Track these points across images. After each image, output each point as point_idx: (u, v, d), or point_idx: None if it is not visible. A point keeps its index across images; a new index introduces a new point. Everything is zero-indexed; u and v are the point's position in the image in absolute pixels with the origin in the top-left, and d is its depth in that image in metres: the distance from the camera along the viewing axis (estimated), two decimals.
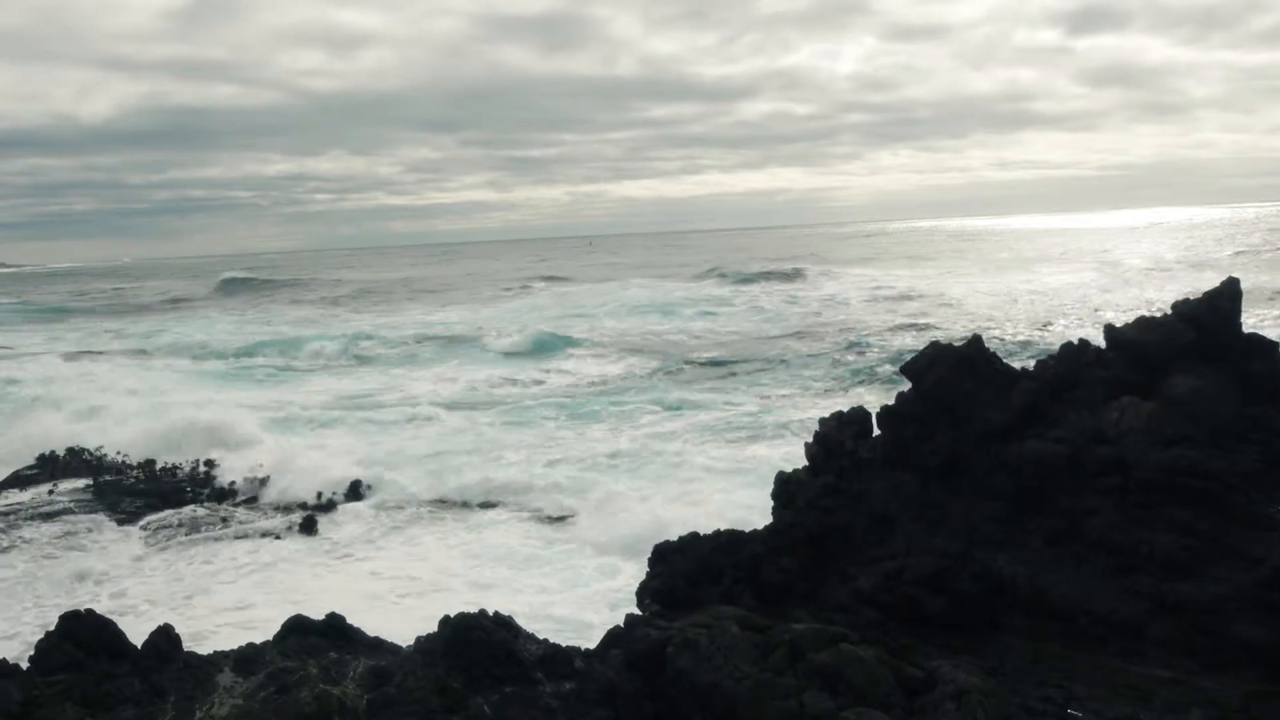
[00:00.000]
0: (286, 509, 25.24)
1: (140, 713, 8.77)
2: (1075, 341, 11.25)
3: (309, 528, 23.31)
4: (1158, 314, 10.79)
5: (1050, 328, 49.64)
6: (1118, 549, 9.31)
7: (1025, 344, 43.49)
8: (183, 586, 20.08)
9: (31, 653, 9.85)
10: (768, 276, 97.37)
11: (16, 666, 9.49)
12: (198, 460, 29.45)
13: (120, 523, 24.19)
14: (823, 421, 11.97)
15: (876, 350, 46.45)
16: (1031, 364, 11.31)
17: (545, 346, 53.88)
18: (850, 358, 44.64)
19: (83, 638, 9.76)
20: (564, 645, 10.28)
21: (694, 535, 11.82)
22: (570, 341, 55.95)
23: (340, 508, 25.13)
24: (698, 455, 27.65)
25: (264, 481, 27.05)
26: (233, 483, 27.24)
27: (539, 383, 43.62)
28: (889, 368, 39.19)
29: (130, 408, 37.11)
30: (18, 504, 26.19)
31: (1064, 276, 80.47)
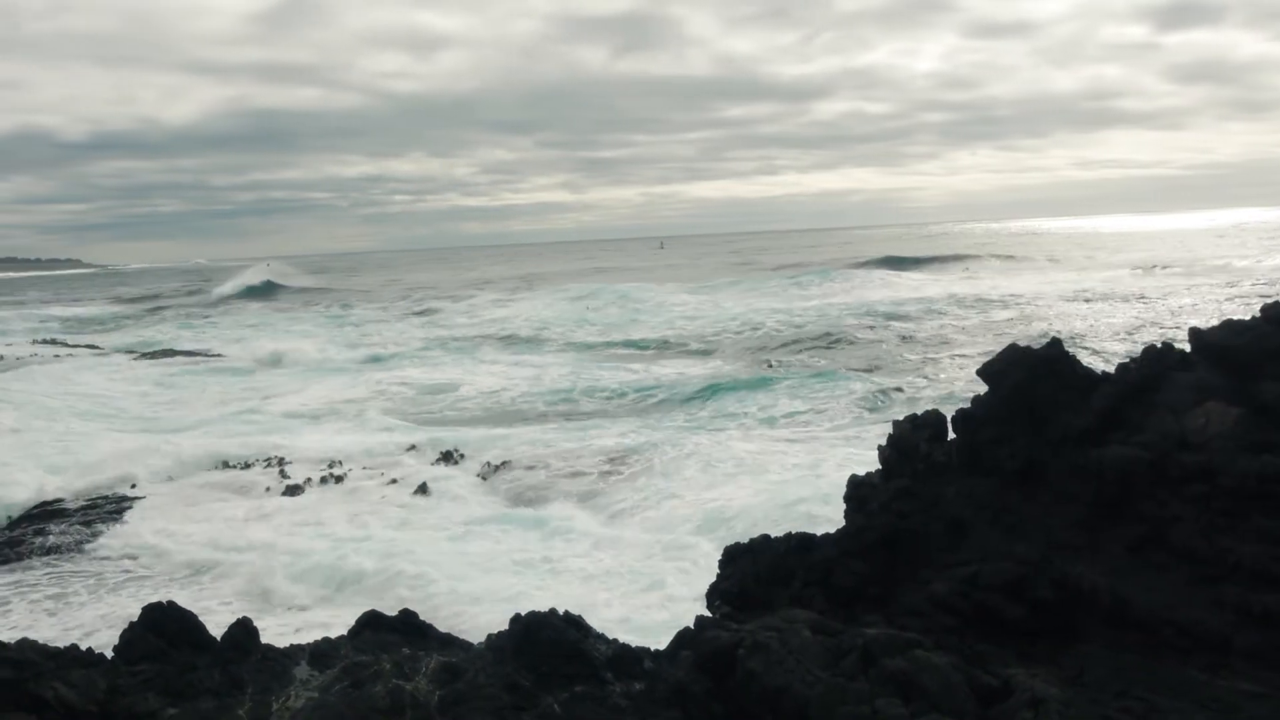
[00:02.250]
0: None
1: (219, 703, 8.95)
2: (1158, 344, 10.97)
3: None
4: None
5: (1137, 332, 48.74)
6: (1203, 558, 9.05)
7: (1109, 349, 42.75)
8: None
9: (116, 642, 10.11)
10: (842, 276, 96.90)
11: (102, 656, 9.75)
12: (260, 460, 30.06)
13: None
14: (896, 424, 11.83)
15: (953, 354, 45.93)
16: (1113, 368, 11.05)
17: (622, 345, 53.98)
18: (926, 360, 44.21)
19: (165, 628, 9.99)
20: (633, 645, 10.29)
21: (764, 537, 11.75)
22: (646, 340, 56.10)
23: None
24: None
25: (340, 478, 27.52)
26: (306, 480, 27.72)
27: (619, 382, 43.69)
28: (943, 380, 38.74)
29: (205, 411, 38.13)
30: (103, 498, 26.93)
31: (1153, 279, 78.86)
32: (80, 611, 19.08)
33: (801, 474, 25.30)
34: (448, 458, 30.06)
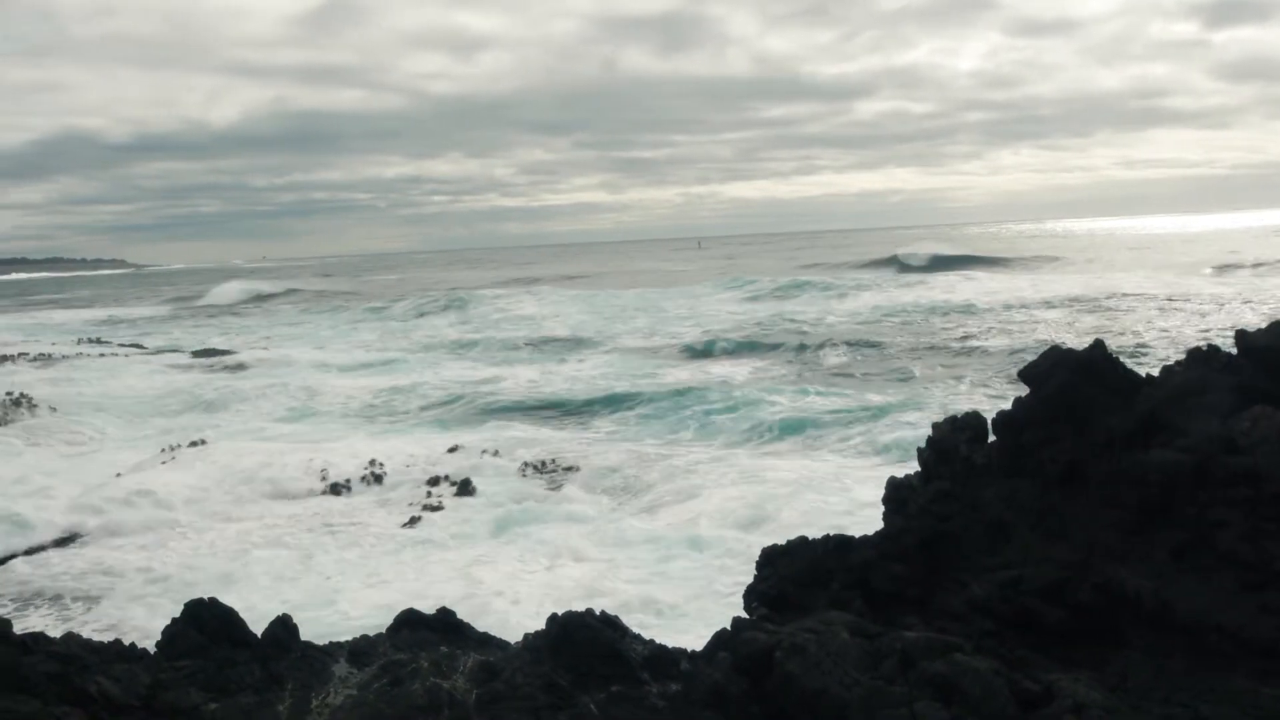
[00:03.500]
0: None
1: (260, 699, 9.03)
2: (1204, 347, 10.80)
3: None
4: None
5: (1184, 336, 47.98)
6: (1248, 563, 8.90)
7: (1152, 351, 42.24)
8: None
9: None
10: (881, 276, 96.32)
11: (145, 651, 9.87)
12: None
13: None
14: (936, 426, 11.73)
15: (996, 355, 45.47)
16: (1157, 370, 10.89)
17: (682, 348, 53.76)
18: (972, 361, 43.83)
19: (207, 624, 10.09)
20: (670, 646, 10.28)
21: (802, 539, 11.70)
22: (685, 342, 55.94)
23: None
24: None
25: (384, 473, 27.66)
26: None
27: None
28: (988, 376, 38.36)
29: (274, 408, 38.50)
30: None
31: (1233, 279, 77.41)
32: None
33: (830, 482, 25.29)
34: (488, 457, 30.18)
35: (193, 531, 24.08)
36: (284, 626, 10.25)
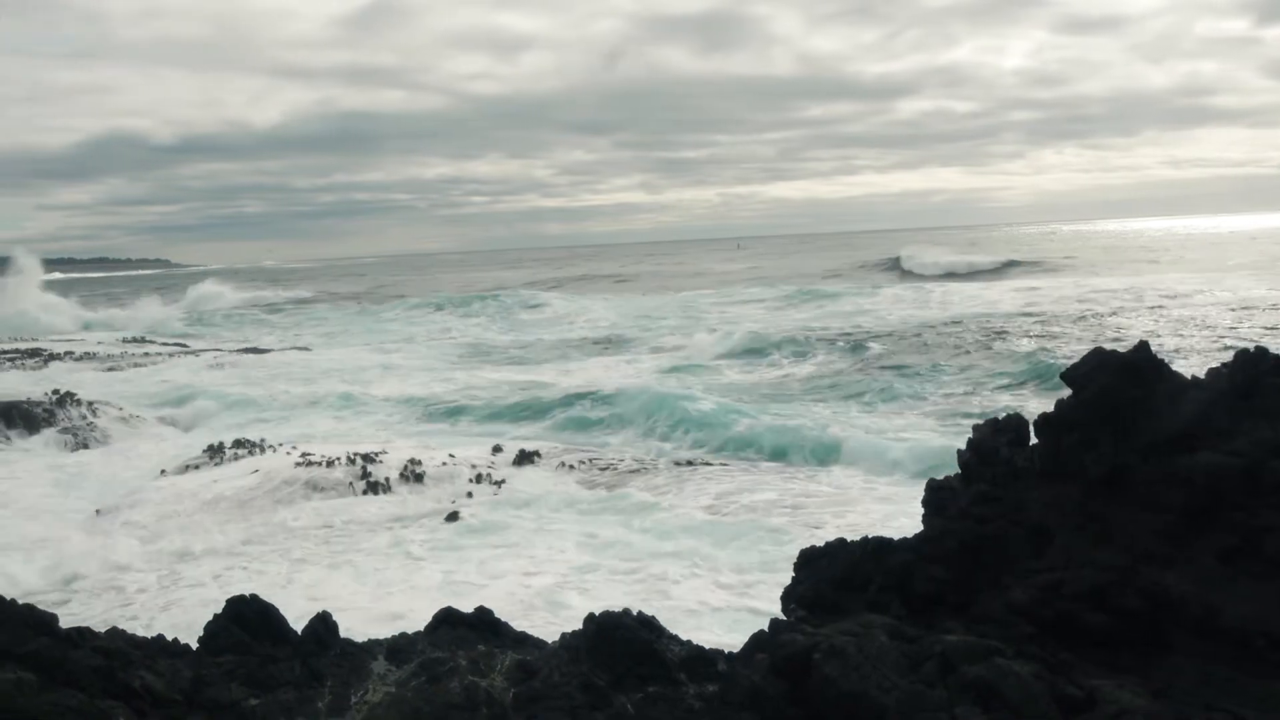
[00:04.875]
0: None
1: (300, 695, 9.11)
2: (1251, 348, 10.62)
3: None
4: None
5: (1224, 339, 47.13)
6: None
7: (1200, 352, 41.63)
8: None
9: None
10: (923, 280, 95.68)
11: (187, 646, 9.99)
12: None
13: None
14: (977, 428, 11.63)
15: (1039, 356, 44.94)
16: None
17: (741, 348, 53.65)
18: (1011, 363, 43.40)
19: (248, 621, 10.20)
20: (707, 647, 10.25)
21: (841, 541, 11.63)
22: (728, 346, 55.70)
23: None
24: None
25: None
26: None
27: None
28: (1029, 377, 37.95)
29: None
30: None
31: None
32: None
33: (861, 486, 25.18)
34: (526, 458, 30.30)
35: (234, 530, 24.32)
36: (324, 624, 10.34)
